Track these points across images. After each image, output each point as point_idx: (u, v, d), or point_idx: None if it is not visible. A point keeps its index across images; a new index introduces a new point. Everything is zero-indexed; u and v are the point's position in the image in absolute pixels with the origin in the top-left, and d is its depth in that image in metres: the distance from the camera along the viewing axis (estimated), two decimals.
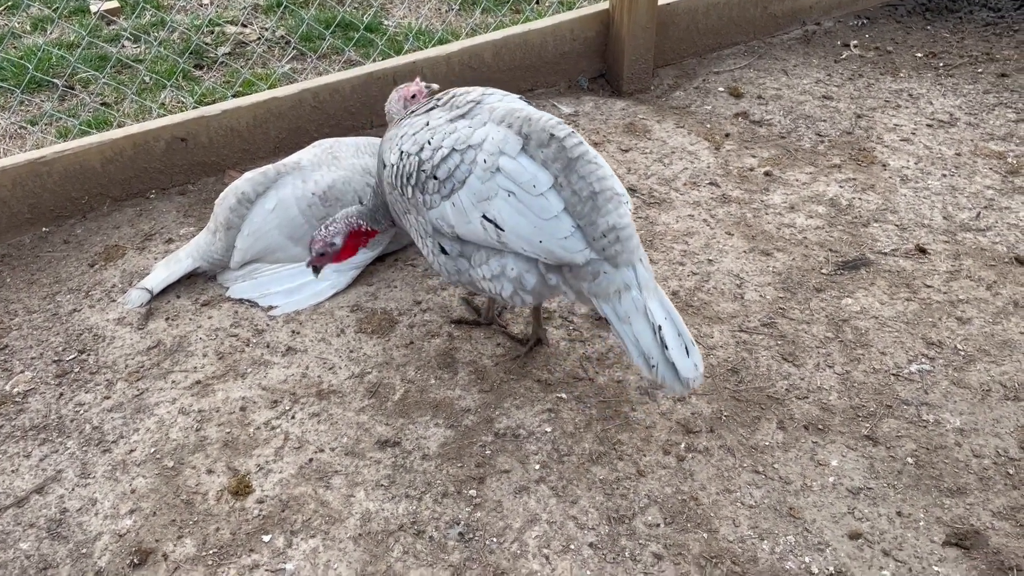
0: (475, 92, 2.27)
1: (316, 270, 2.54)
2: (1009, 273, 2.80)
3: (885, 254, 2.90)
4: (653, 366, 2.06)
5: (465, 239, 2.18)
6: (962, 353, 2.53)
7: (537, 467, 2.25)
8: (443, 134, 2.16)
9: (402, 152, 2.23)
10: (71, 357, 2.63)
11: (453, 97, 2.28)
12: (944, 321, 2.64)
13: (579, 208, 2.06)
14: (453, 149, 2.13)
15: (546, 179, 2.06)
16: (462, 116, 2.20)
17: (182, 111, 3.45)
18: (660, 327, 2.05)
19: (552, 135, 2.08)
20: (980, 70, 3.92)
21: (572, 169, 2.07)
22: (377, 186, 2.49)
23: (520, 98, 2.29)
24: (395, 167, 2.25)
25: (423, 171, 2.17)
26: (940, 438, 2.29)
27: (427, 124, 2.22)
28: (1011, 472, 2.19)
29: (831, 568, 2.00)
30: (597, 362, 2.55)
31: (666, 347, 2.04)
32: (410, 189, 2.22)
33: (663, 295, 2.12)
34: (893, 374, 2.47)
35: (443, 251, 2.25)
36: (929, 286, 2.76)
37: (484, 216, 2.10)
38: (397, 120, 2.40)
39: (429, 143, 2.17)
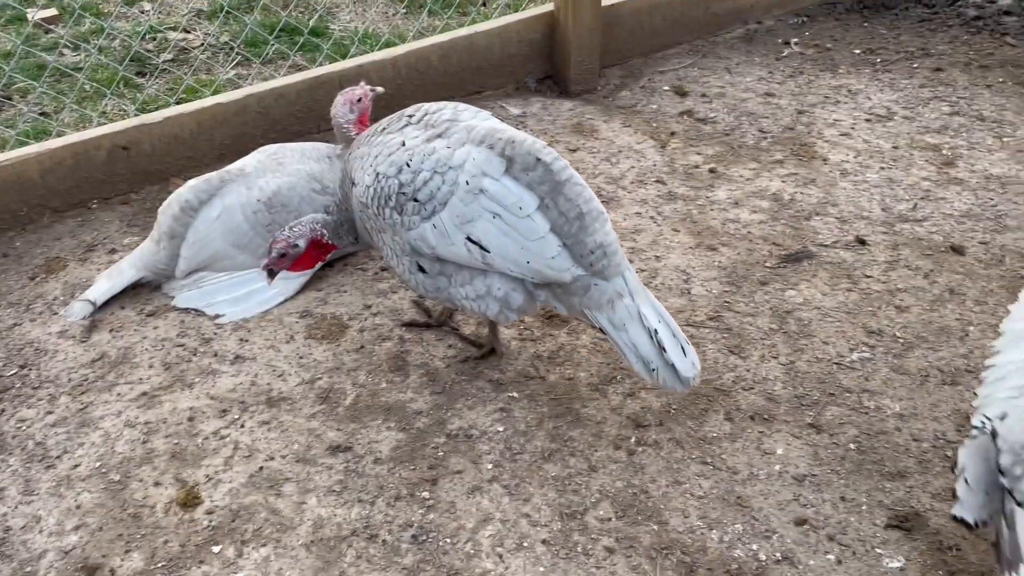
0: (448, 109, 2.25)
1: (272, 274, 2.42)
2: (945, 262, 2.88)
3: (826, 246, 2.97)
4: (653, 370, 2.10)
5: (446, 259, 2.18)
6: (901, 341, 2.60)
7: (490, 467, 2.25)
8: (422, 155, 2.15)
9: (378, 174, 2.20)
10: (12, 372, 2.57)
11: (426, 114, 2.25)
12: (884, 310, 2.71)
13: (566, 228, 2.10)
14: (435, 171, 2.12)
15: (532, 201, 2.09)
16: (439, 136, 2.18)
17: (124, 119, 3.39)
18: (656, 330, 2.10)
19: (538, 159, 2.11)
20: (916, 65, 4.03)
21: (559, 192, 2.11)
22: (341, 202, 2.45)
23: (491, 115, 2.29)
24: (370, 188, 2.22)
25: (403, 193, 2.16)
26: (881, 423, 2.35)
27: (403, 144, 2.20)
28: (949, 455, 2.26)
29: (778, 554, 2.04)
30: (548, 360, 2.56)
31: (664, 350, 2.09)
32: (387, 211, 2.20)
33: (654, 298, 2.17)
34: (835, 363, 2.53)
35: (421, 269, 2.24)
36: (869, 276, 2.84)
37: (468, 238, 2.11)
38: (367, 139, 2.33)
39: (408, 165, 2.16)
